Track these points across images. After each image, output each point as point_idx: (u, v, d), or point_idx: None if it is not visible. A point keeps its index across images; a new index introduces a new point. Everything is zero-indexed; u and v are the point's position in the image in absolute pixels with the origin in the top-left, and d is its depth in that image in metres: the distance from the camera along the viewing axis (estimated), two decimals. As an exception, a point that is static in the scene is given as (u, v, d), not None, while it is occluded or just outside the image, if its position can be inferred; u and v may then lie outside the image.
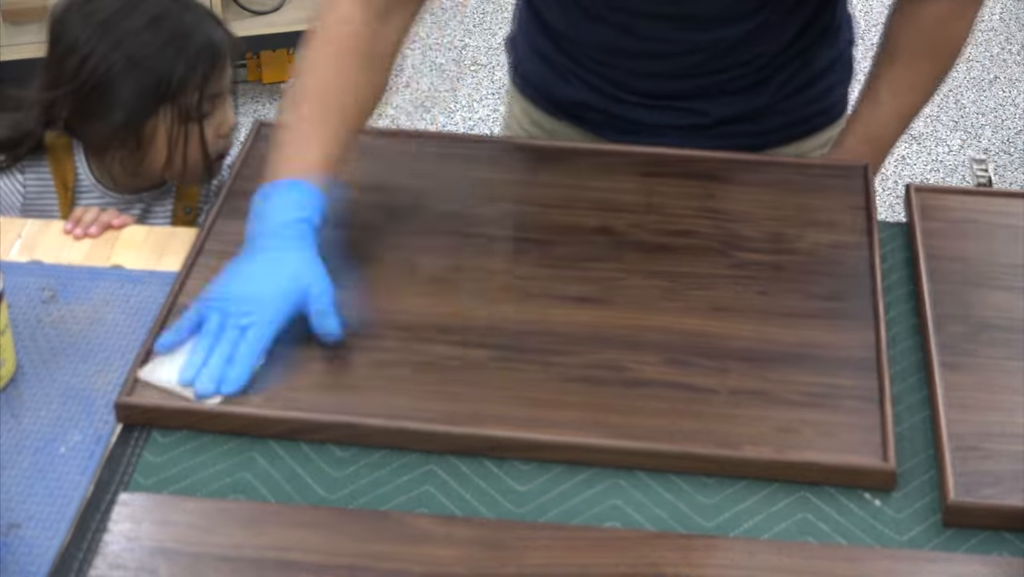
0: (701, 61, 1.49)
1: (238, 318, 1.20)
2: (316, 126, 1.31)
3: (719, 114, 1.54)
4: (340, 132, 1.32)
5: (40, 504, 1.12)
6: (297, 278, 1.22)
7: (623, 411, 1.19)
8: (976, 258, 1.38)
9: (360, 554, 1.06)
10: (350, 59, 1.35)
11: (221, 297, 1.22)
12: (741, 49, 1.48)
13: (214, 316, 1.21)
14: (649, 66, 1.50)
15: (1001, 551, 1.10)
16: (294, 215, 1.25)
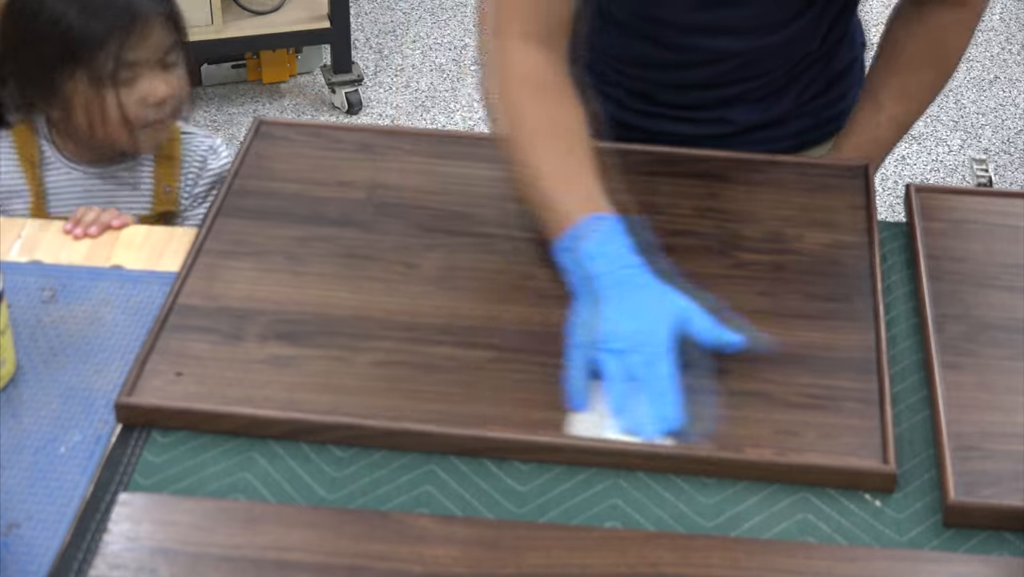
0: (731, 69, 1.49)
1: (639, 356, 1.17)
2: (578, 162, 1.29)
3: (743, 122, 1.54)
4: (594, 163, 1.30)
5: (40, 504, 1.12)
6: (671, 304, 1.21)
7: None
8: (976, 258, 1.38)
9: (360, 554, 1.06)
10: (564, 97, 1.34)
11: (609, 340, 1.19)
12: (772, 56, 1.49)
13: (612, 360, 1.18)
14: (679, 77, 1.51)
15: (1001, 551, 1.10)
16: (622, 244, 1.24)
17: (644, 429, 1.16)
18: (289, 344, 1.25)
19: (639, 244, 1.25)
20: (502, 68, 1.35)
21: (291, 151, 1.49)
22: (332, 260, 1.35)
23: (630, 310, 1.20)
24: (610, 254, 1.24)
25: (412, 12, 3.81)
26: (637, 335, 1.19)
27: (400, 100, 3.44)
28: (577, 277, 1.25)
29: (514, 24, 1.35)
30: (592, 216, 1.25)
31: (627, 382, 1.17)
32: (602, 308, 1.21)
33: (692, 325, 1.20)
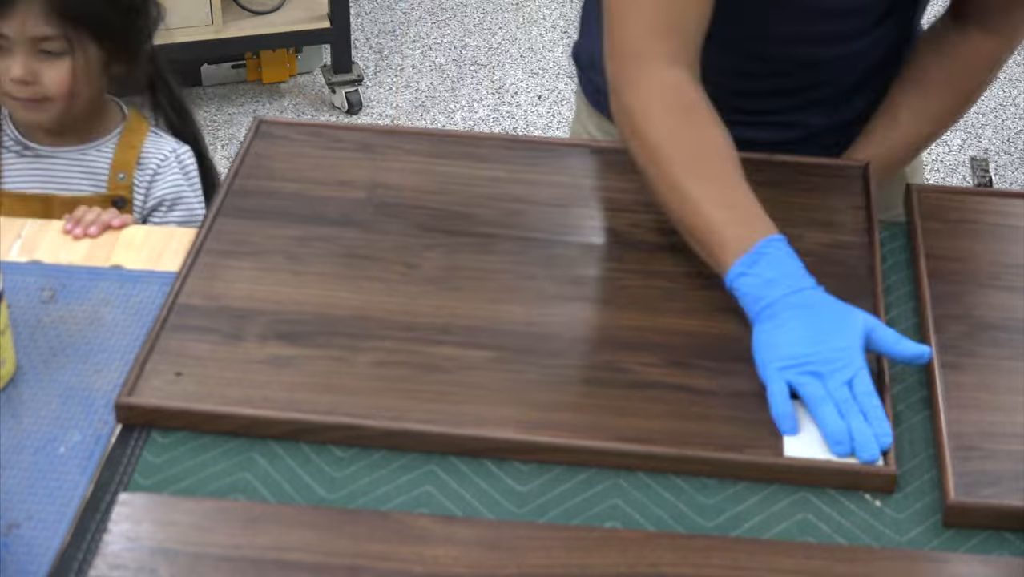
0: (809, 76, 1.49)
1: (839, 375, 1.17)
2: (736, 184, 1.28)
3: (812, 126, 1.54)
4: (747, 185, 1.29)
5: (40, 504, 1.12)
6: (854, 320, 1.20)
7: (623, 413, 1.19)
8: (976, 258, 1.38)
9: (360, 554, 1.06)
10: (708, 119, 1.32)
11: (804, 361, 1.18)
12: (850, 63, 1.49)
13: (811, 381, 1.17)
14: (758, 84, 1.50)
15: (1001, 551, 1.10)
16: (797, 266, 1.23)
17: (864, 450, 1.14)
18: (289, 344, 1.25)
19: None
20: (644, 94, 1.32)
21: (291, 151, 1.49)
22: (332, 260, 1.35)
23: (822, 331, 1.19)
24: (787, 277, 1.22)
25: (412, 12, 3.81)
26: (833, 354, 1.17)
27: (400, 100, 3.44)
28: (753, 304, 1.22)
29: (655, 49, 1.32)
30: (763, 240, 1.23)
31: (834, 403, 1.16)
32: (792, 331, 1.19)
33: (877, 339, 1.20)
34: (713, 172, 1.29)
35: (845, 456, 1.15)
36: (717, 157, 1.30)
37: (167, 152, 1.76)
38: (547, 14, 3.81)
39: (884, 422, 1.15)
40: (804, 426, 1.17)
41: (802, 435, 1.17)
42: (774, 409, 1.17)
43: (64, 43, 1.65)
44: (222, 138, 3.27)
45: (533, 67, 3.58)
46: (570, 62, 3.60)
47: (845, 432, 1.15)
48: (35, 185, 1.73)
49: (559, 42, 3.68)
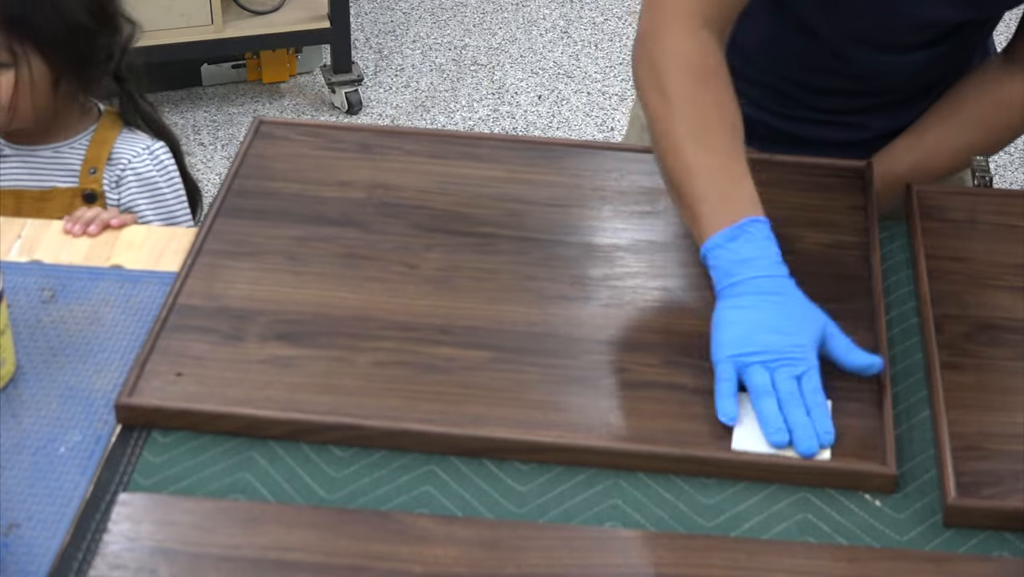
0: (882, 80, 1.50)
1: (791, 368, 1.17)
2: (739, 160, 1.26)
3: (879, 128, 1.54)
4: (746, 162, 1.28)
5: (40, 504, 1.12)
6: (815, 318, 1.20)
7: (623, 413, 1.19)
8: (976, 258, 1.38)
9: (360, 554, 1.06)
10: (727, 87, 1.30)
11: (761, 351, 1.18)
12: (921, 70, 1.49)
13: (759, 372, 1.17)
14: (832, 83, 1.50)
15: (1001, 551, 1.10)
16: (775, 251, 1.22)
17: (802, 443, 1.14)
18: (289, 344, 1.25)
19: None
20: (668, 46, 1.30)
21: (291, 151, 1.49)
22: (332, 260, 1.35)
23: (780, 321, 1.19)
24: (760, 260, 1.21)
25: (412, 12, 3.81)
26: (787, 348, 1.17)
27: (400, 100, 3.44)
28: (721, 278, 1.22)
29: (690, 5, 1.30)
30: (747, 219, 1.23)
31: (776, 396, 1.16)
32: (751, 317, 1.19)
33: (832, 342, 1.19)
34: (717, 142, 1.27)
35: (782, 447, 1.15)
36: (724, 128, 1.28)
37: (139, 149, 1.76)
38: (547, 14, 3.81)
39: (827, 420, 1.15)
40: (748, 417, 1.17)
41: (750, 428, 1.17)
42: (717, 395, 1.17)
43: (8, 55, 1.64)
44: (222, 138, 3.27)
45: (533, 67, 3.58)
46: (570, 62, 3.61)
47: (782, 422, 1.15)
48: (8, 183, 1.74)
49: (559, 42, 3.69)
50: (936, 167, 1.51)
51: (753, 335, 1.18)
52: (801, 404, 1.16)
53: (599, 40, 3.69)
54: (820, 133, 1.53)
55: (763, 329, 1.19)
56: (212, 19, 3.18)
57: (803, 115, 1.53)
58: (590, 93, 3.47)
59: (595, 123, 3.36)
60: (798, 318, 1.20)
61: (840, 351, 1.20)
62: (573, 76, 3.55)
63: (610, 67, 3.58)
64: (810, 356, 1.18)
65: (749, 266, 1.21)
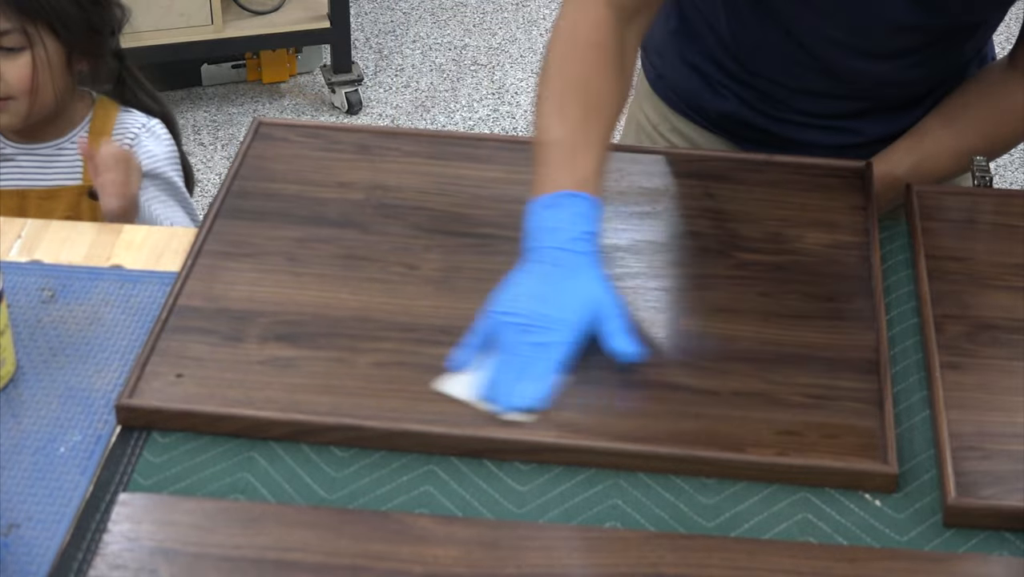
0: (872, 86, 1.50)
1: (535, 335, 1.18)
2: (586, 135, 1.28)
3: (872, 133, 1.54)
4: (605, 141, 1.30)
5: (40, 504, 1.12)
6: (591, 297, 1.21)
7: (623, 413, 1.19)
8: (976, 258, 1.38)
9: (360, 554, 1.06)
10: (607, 65, 1.32)
11: (514, 312, 1.20)
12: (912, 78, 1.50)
13: (509, 332, 1.19)
14: (819, 88, 1.51)
15: (1001, 551, 1.10)
16: (583, 228, 1.23)
17: (501, 399, 1.17)
18: (289, 345, 1.25)
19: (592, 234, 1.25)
20: (567, 18, 1.35)
21: (290, 152, 1.49)
22: (332, 261, 1.35)
23: (547, 292, 1.21)
24: (562, 231, 1.23)
25: (412, 12, 3.81)
26: (544, 317, 1.19)
27: (400, 100, 3.44)
28: (526, 243, 1.25)
29: None
30: (567, 192, 1.25)
31: (511, 356, 1.18)
32: (525, 281, 1.22)
33: (603, 326, 1.21)
34: (570, 113, 1.30)
35: (482, 401, 1.18)
36: (584, 101, 1.31)
37: (137, 128, 1.76)
38: (547, 14, 3.81)
39: (539, 388, 1.17)
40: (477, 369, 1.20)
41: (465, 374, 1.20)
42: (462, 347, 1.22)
43: (22, 37, 1.64)
44: (222, 138, 3.27)
45: (533, 67, 3.58)
46: (570, 62, 3.60)
47: (497, 381, 1.18)
48: (11, 183, 1.73)
49: (559, 42, 3.68)
50: (935, 170, 1.51)
51: (516, 299, 1.21)
52: (522, 366, 1.18)
53: (599, 40, 3.69)
54: (812, 137, 1.54)
55: (528, 296, 1.21)
56: (212, 19, 3.18)
57: (794, 118, 1.53)
58: (590, 93, 3.47)
59: (595, 123, 3.36)
60: (573, 294, 1.21)
61: (605, 334, 1.21)
62: (573, 76, 3.54)
63: (610, 67, 3.58)
64: (564, 331, 1.19)
65: (549, 235, 1.24)
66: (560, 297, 1.21)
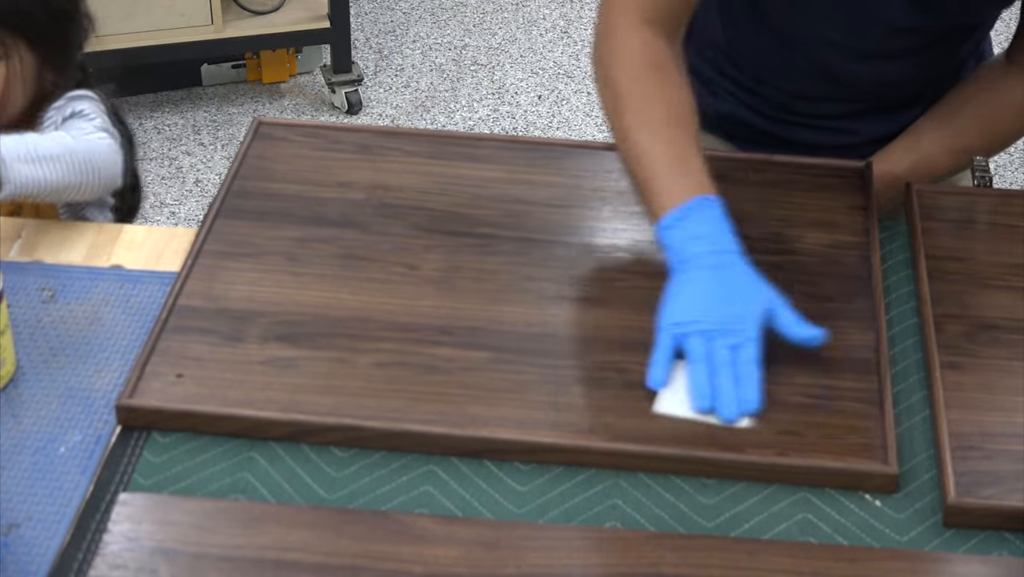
0: (868, 88, 1.50)
1: (728, 339, 1.19)
2: (684, 144, 1.30)
3: (870, 133, 1.55)
4: (700, 146, 1.32)
5: (40, 504, 1.12)
6: (759, 292, 1.22)
7: (623, 413, 1.19)
8: (976, 258, 1.38)
9: (360, 554, 1.06)
10: (672, 79, 1.35)
11: (701, 320, 1.20)
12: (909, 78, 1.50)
13: (699, 342, 1.19)
14: (816, 90, 1.51)
15: (1001, 551, 1.10)
16: (724, 229, 1.25)
17: (723, 411, 1.17)
18: (289, 345, 1.25)
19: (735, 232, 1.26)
20: (617, 45, 1.36)
21: (290, 152, 1.49)
22: (332, 261, 1.35)
23: (723, 294, 1.22)
24: (709, 236, 1.25)
25: (412, 12, 3.81)
26: (727, 319, 1.20)
27: (400, 100, 3.44)
28: (674, 256, 1.25)
29: (634, 8, 1.35)
30: (697, 198, 1.26)
31: (711, 364, 1.19)
32: (695, 290, 1.22)
33: (777, 317, 1.22)
34: (662, 129, 1.32)
35: (704, 412, 1.17)
36: (670, 116, 1.33)
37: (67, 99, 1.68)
38: (547, 14, 3.81)
39: (753, 390, 1.17)
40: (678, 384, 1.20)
41: (675, 394, 1.19)
42: (651, 362, 1.21)
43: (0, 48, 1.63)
44: (222, 138, 3.27)
45: (533, 67, 3.58)
46: (570, 62, 3.61)
47: (708, 389, 1.17)
48: None
49: (559, 42, 3.69)
50: (934, 168, 1.51)
51: (693, 308, 1.21)
52: (731, 373, 1.18)
53: (599, 40, 3.69)
54: (811, 137, 1.54)
55: (704, 301, 1.21)
56: (212, 19, 3.18)
57: (794, 119, 1.54)
58: (590, 93, 3.47)
59: (595, 123, 3.36)
60: (742, 292, 1.22)
61: (784, 325, 1.22)
62: (573, 76, 3.55)
63: (610, 67, 3.58)
64: (750, 328, 1.20)
65: (696, 243, 1.24)
66: (736, 298, 1.22)
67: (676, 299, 1.23)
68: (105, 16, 3.17)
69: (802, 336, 1.22)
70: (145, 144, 3.23)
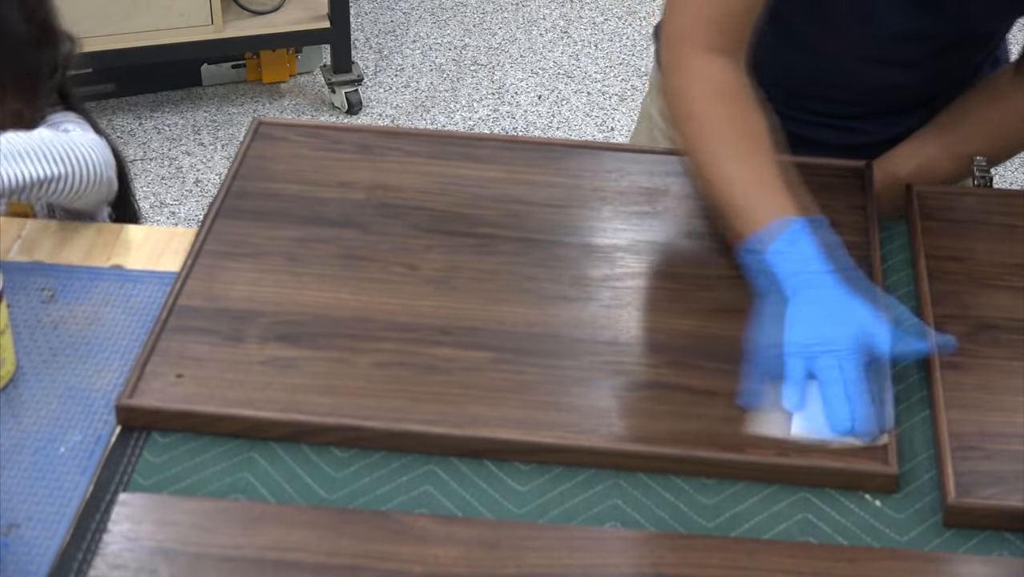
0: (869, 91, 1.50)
1: (827, 359, 1.19)
2: (766, 166, 1.30)
3: (881, 134, 1.55)
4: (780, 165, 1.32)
5: (40, 504, 1.12)
6: (860, 311, 1.21)
7: (623, 413, 1.19)
8: (976, 258, 1.38)
9: (360, 554, 1.06)
10: (746, 103, 1.35)
11: (797, 342, 1.20)
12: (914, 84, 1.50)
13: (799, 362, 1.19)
14: (829, 93, 1.51)
15: (1001, 551, 1.10)
16: (814, 248, 1.25)
17: (863, 430, 1.16)
18: (290, 346, 1.25)
19: (827, 248, 1.25)
20: (687, 75, 1.37)
21: (290, 152, 1.49)
22: (332, 261, 1.35)
23: (818, 313, 1.21)
24: (797, 256, 1.24)
25: (412, 12, 3.81)
26: (825, 339, 1.19)
27: (400, 100, 3.44)
28: (763, 279, 1.25)
29: (700, 37, 1.36)
30: (780, 219, 1.26)
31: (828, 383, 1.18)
32: (789, 310, 1.22)
33: (876, 333, 1.21)
34: (745, 153, 1.32)
35: (809, 433, 1.17)
36: (751, 139, 1.33)
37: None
38: (547, 14, 3.81)
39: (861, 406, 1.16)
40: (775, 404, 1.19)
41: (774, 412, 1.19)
42: (746, 382, 1.20)
43: None
44: (222, 138, 3.27)
45: (533, 67, 3.58)
46: (570, 62, 3.61)
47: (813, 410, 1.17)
48: None
49: (559, 42, 3.68)
50: (937, 173, 1.51)
51: (791, 328, 1.21)
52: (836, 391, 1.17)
53: (599, 40, 3.69)
54: (822, 135, 1.54)
55: (800, 322, 1.21)
56: (212, 19, 3.18)
57: (805, 117, 1.54)
58: (590, 93, 3.47)
59: (595, 123, 3.36)
60: (837, 310, 1.21)
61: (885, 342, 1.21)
62: (573, 76, 3.55)
63: (610, 67, 3.58)
64: (849, 346, 1.19)
65: (783, 265, 1.24)
66: (839, 318, 1.21)
67: (770, 321, 1.22)
68: (105, 16, 3.19)
69: (911, 350, 1.23)
70: (145, 144, 3.23)
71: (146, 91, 3.40)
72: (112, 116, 3.31)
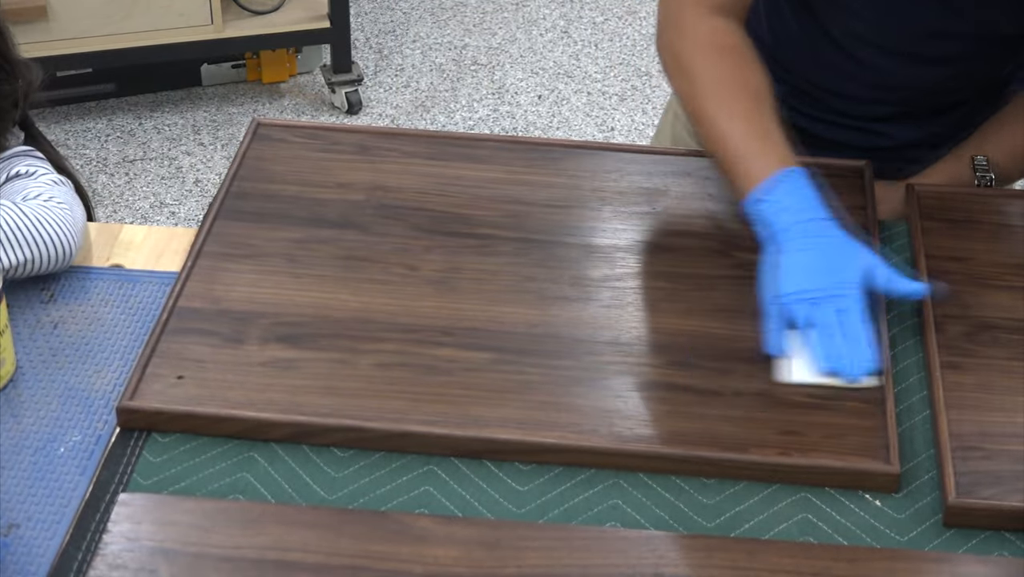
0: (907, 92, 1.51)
1: (836, 303, 1.23)
2: (766, 121, 1.34)
3: (902, 137, 1.56)
4: (779, 121, 1.35)
5: (39, 504, 1.12)
6: (858, 255, 1.26)
7: (623, 413, 1.19)
8: (976, 258, 1.38)
9: (360, 554, 1.06)
10: (746, 61, 1.38)
11: (808, 290, 1.24)
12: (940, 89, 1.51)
13: (806, 309, 1.23)
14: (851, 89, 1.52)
15: (1001, 551, 1.10)
16: (814, 197, 1.28)
17: (847, 370, 1.21)
18: (290, 347, 1.25)
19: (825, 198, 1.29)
20: (686, 32, 1.40)
21: (290, 153, 1.49)
22: (332, 262, 1.35)
23: (821, 261, 1.25)
24: (798, 206, 1.28)
25: (412, 12, 3.81)
26: (829, 285, 1.23)
27: (400, 100, 3.44)
28: (766, 230, 1.28)
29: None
30: (781, 171, 1.29)
31: (823, 328, 1.22)
32: (792, 259, 1.25)
33: (877, 276, 1.25)
34: (742, 107, 1.35)
35: (831, 373, 1.21)
36: (747, 94, 1.36)
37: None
38: (547, 14, 3.81)
39: (867, 348, 1.21)
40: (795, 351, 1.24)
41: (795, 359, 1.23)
42: (765, 332, 1.25)
43: None
44: (222, 138, 3.27)
45: (533, 67, 3.58)
46: (570, 62, 3.61)
47: (828, 350, 1.21)
48: None
49: (559, 42, 3.68)
50: (968, 180, 1.51)
51: (796, 276, 1.24)
52: (845, 335, 1.21)
53: (599, 40, 3.69)
54: (845, 137, 1.54)
55: (804, 270, 1.24)
56: (212, 19, 3.18)
57: (829, 117, 1.54)
58: (590, 93, 3.47)
59: (595, 123, 3.36)
60: (839, 257, 1.26)
61: (885, 283, 1.26)
62: (573, 76, 3.55)
63: (610, 67, 3.58)
64: (853, 291, 1.23)
65: (786, 215, 1.27)
66: (837, 263, 1.25)
67: (777, 271, 1.26)
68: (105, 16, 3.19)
69: (904, 291, 1.26)
70: (145, 144, 3.23)
71: (146, 91, 3.40)
72: (112, 116, 3.31)
